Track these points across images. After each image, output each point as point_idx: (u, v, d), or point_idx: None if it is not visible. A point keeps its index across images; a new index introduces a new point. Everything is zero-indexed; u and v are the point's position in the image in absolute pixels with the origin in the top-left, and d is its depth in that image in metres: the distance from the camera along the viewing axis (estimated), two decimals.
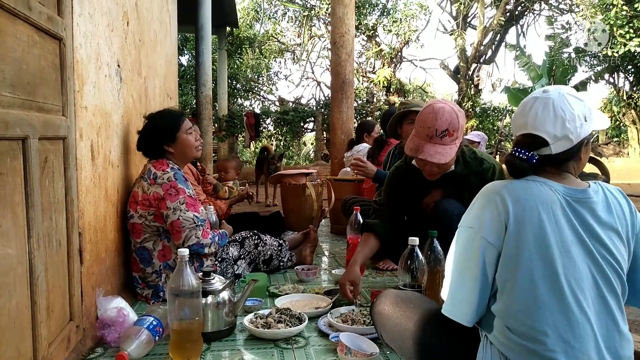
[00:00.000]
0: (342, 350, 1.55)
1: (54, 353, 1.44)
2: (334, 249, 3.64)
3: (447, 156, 2.03)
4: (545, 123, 1.17)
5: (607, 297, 1.13)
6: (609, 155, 13.15)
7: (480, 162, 2.33)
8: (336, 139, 5.71)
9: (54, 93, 1.49)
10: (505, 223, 1.14)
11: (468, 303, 1.18)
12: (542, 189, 1.18)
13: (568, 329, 1.08)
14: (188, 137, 2.37)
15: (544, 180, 1.19)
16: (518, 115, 1.24)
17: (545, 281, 1.10)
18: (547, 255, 1.11)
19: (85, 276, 1.74)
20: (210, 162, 7.33)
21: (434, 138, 2.04)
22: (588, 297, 1.11)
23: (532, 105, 1.20)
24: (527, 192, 1.17)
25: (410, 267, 1.80)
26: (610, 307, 1.14)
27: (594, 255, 1.14)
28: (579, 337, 1.09)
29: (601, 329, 1.12)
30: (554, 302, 1.09)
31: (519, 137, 1.23)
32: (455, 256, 1.24)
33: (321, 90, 17.10)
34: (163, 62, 3.52)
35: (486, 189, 1.24)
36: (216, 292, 1.82)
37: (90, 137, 1.83)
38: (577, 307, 1.09)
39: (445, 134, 2.02)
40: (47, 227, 1.41)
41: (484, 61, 14.36)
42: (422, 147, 2.04)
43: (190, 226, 2.20)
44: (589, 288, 1.12)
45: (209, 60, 7.25)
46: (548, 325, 1.09)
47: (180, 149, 2.35)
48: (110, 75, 2.11)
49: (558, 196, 1.17)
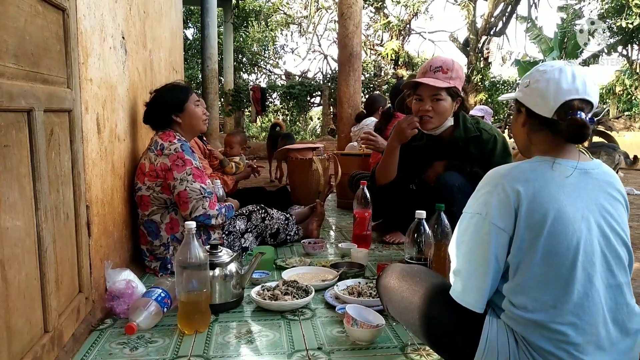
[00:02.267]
0: (349, 322, 1.56)
1: (65, 324, 1.46)
2: (341, 223, 3.65)
3: (439, 85, 2.24)
4: (594, 91, 1.18)
5: (615, 270, 1.14)
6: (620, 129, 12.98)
7: (480, 131, 2.39)
8: (343, 113, 5.67)
9: (58, 65, 1.47)
10: (515, 207, 1.12)
11: (480, 290, 1.17)
12: (551, 166, 1.16)
13: (577, 303, 1.08)
14: (196, 108, 2.39)
15: (551, 158, 1.18)
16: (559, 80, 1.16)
17: (559, 258, 1.09)
18: (561, 233, 1.10)
19: (94, 249, 1.76)
20: (216, 137, 7.33)
21: (427, 73, 2.30)
22: (597, 271, 1.11)
23: (573, 71, 1.17)
24: (536, 172, 1.16)
25: (417, 241, 1.80)
26: (618, 280, 1.14)
27: (604, 229, 1.14)
28: (588, 311, 1.09)
29: (609, 302, 1.12)
30: (566, 277, 1.09)
31: (575, 102, 1.15)
32: (464, 243, 1.22)
33: (328, 63, 16.93)
34: (168, 34, 3.47)
35: (492, 174, 1.22)
36: (223, 265, 1.83)
37: (95, 110, 1.82)
38: (587, 281, 1.09)
39: (439, 70, 2.27)
40: (55, 199, 1.42)
41: (494, 33, 14.10)
42: (418, 79, 2.29)
43: (197, 197, 2.21)
44: (598, 262, 1.12)
45: (215, 33, 7.18)
46: (558, 300, 1.09)
47: (187, 120, 2.37)
48: (115, 47, 2.09)
49: (567, 172, 1.16)
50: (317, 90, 13.18)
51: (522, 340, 1.12)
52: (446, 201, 2.05)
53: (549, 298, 1.10)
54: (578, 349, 1.08)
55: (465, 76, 14.87)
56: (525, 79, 1.26)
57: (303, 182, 3.94)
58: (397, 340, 1.60)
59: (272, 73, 18.03)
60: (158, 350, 1.54)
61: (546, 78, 1.18)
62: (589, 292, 1.10)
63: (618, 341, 1.13)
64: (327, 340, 1.61)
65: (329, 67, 16.67)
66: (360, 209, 2.65)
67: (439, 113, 2.31)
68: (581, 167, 1.17)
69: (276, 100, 13.75)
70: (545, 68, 1.21)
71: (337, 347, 1.55)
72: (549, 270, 1.10)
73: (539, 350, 1.10)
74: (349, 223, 3.57)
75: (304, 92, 13.00)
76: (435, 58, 2.38)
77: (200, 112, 2.41)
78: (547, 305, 1.10)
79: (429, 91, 2.30)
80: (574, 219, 1.11)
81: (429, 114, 2.31)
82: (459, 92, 2.34)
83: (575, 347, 1.08)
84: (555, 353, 1.09)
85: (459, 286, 1.21)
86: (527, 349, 1.11)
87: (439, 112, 2.31)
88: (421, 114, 2.32)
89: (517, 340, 1.14)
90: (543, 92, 1.18)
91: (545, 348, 1.09)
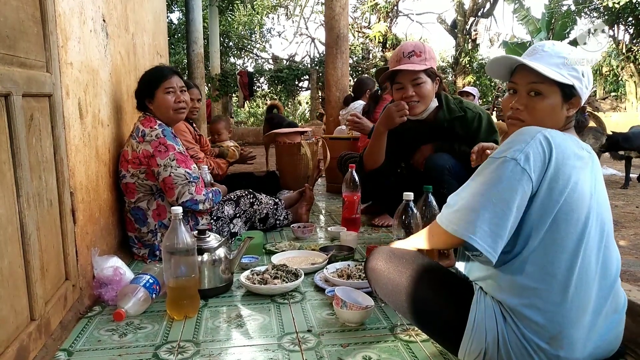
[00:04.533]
0: (338, 304, 1.56)
1: (51, 311, 1.44)
2: (330, 207, 3.65)
3: (417, 68, 2.25)
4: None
5: (610, 246, 1.17)
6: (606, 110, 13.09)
7: (464, 111, 2.40)
8: (331, 96, 5.63)
9: (36, 48, 1.43)
10: (546, 163, 1.10)
11: (497, 236, 1.10)
12: (574, 141, 1.17)
13: (578, 277, 1.10)
14: (165, 96, 2.27)
15: (572, 135, 1.21)
16: (589, 73, 1.23)
17: (569, 229, 1.10)
18: (574, 204, 1.10)
19: (79, 236, 1.74)
20: (204, 123, 7.25)
21: (402, 60, 2.30)
22: (596, 247, 1.13)
23: None
24: (565, 140, 1.14)
25: (405, 222, 1.80)
26: (612, 256, 1.17)
27: (602, 207, 1.17)
28: (585, 285, 1.11)
29: (602, 278, 1.15)
30: (573, 249, 1.10)
31: (591, 98, 1.20)
32: (488, 185, 1.13)
33: (316, 47, 16.80)
34: (151, 17, 3.40)
35: (529, 128, 1.16)
36: (212, 250, 1.82)
37: (77, 94, 1.78)
38: (590, 256, 1.12)
39: (412, 55, 2.28)
40: (37, 186, 1.39)
41: (482, 15, 14.05)
42: (394, 68, 2.30)
43: (182, 182, 2.18)
44: (598, 238, 1.14)
45: (200, 17, 7.06)
46: (561, 273, 1.10)
47: (157, 107, 2.29)
48: (96, 30, 2.04)
49: (582, 150, 1.17)
50: (305, 74, 13.08)
51: (511, 316, 1.13)
52: (436, 183, 2.05)
53: (555, 268, 1.10)
54: (569, 322, 1.10)
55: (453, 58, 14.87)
56: (578, 64, 1.19)
57: (292, 167, 3.92)
58: (386, 321, 1.61)
59: (259, 57, 17.86)
60: (147, 336, 1.53)
61: (588, 73, 1.22)
62: (588, 267, 1.11)
63: (607, 315, 1.15)
64: (316, 322, 1.61)
65: (316, 51, 16.56)
66: (349, 192, 2.65)
67: (423, 96, 2.30)
68: (588, 148, 1.19)
69: (264, 85, 13.64)
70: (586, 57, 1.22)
71: (326, 329, 1.56)
72: (557, 239, 1.10)
73: (528, 325, 1.11)
74: (338, 207, 3.57)
75: (291, 76, 12.90)
76: (405, 44, 2.39)
77: (171, 101, 2.28)
78: (550, 277, 1.10)
79: (409, 77, 2.28)
80: (585, 194, 1.12)
81: (414, 99, 2.30)
82: (435, 72, 2.34)
83: (567, 321, 1.09)
84: (546, 326, 1.10)
85: (460, 215, 1.14)
86: (516, 325, 1.12)
87: (422, 95, 2.30)
88: (406, 101, 2.30)
89: (505, 317, 1.14)
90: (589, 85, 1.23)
91: (538, 321, 1.10)
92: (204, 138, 3.40)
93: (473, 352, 1.17)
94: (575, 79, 1.19)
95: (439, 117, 2.40)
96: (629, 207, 3.84)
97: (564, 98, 1.21)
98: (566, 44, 1.25)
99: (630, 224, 3.23)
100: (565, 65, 1.19)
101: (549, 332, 1.10)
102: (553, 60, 1.20)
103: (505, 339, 1.13)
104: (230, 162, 3.61)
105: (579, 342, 1.11)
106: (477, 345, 1.15)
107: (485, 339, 1.14)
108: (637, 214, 3.55)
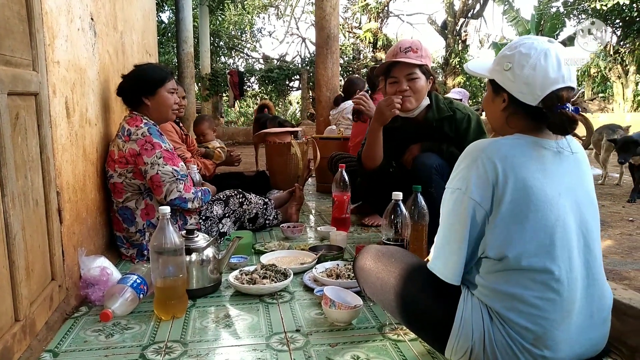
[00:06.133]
0: (327, 304, 1.56)
1: (37, 312, 1.43)
2: (320, 207, 3.65)
3: (414, 62, 2.27)
4: (573, 73, 1.17)
5: (591, 245, 1.17)
6: (594, 110, 13.24)
7: (453, 111, 2.41)
8: (321, 96, 5.64)
9: (22, 46, 1.42)
10: (493, 182, 1.12)
11: (459, 265, 1.18)
12: (531, 145, 1.17)
13: (557, 278, 1.10)
14: (169, 96, 2.32)
15: (530, 137, 1.19)
16: (546, 68, 1.13)
17: (542, 232, 1.11)
18: (539, 210, 1.11)
19: (66, 236, 1.72)
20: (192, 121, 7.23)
21: (398, 54, 2.31)
22: (575, 246, 1.14)
23: (557, 55, 1.14)
24: (514, 149, 1.16)
25: (394, 222, 1.81)
26: (594, 254, 1.17)
27: (580, 205, 1.17)
28: (567, 286, 1.11)
29: (585, 278, 1.15)
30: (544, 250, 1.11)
31: (563, 93, 1.13)
32: (445, 218, 1.22)
33: (306, 47, 16.80)
34: (140, 16, 3.38)
35: (471, 148, 1.20)
36: (200, 250, 1.81)
37: (64, 93, 1.76)
38: (567, 258, 1.12)
39: (409, 50, 2.30)
40: (22, 185, 1.37)
41: (471, 16, 14.14)
42: (391, 60, 2.31)
43: (170, 180, 2.17)
44: (575, 238, 1.14)
45: (190, 16, 7.04)
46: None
47: (156, 105, 2.29)
48: (83, 28, 2.02)
49: (545, 151, 1.17)
50: (296, 74, 13.07)
51: (497, 317, 1.14)
52: (423, 182, 2.06)
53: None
54: (554, 324, 1.10)
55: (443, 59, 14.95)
56: (505, 59, 1.20)
57: (282, 167, 3.91)
58: (375, 321, 1.61)
59: (249, 57, 17.81)
60: (134, 336, 1.52)
61: (532, 64, 1.14)
62: (568, 268, 1.11)
63: (592, 315, 1.16)
64: (305, 322, 1.61)
65: (307, 51, 16.55)
66: (339, 192, 2.65)
67: (416, 91, 2.31)
68: (558, 147, 1.18)
69: (254, 85, 13.61)
70: (528, 51, 1.16)
71: (315, 329, 1.55)
72: (528, 242, 1.11)
73: (514, 327, 1.12)
74: (328, 207, 3.57)
75: (282, 76, 12.89)
76: (403, 40, 2.42)
77: (172, 101, 2.33)
78: (530, 281, 1.11)
79: (405, 71, 2.29)
80: (551, 197, 1.12)
81: (407, 94, 2.30)
82: (430, 70, 2.35)
83: (550, 322, 1.10)
84: (530, 328, 1.10)
85: (439, 261, 1.22)
86: (502, 325, 1.13)
87: (416, 90, 2.31)
88: (399, 94, 2.31)
89: (492, 317, 1.15)
90: (529, 80, 1.14)
91: (521, 324, 1.11)
92: (190, 138, 3.39)
93: (460, 350, 1.17)
94: (497, 73, 1.22)
95: (428, 116, 2.42)
96: (615, 207, 3.88)
97: (494, 92, 1.25)
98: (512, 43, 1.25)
99: (616, 224, 3.26)
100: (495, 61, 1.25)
101: (533, 334, 1.11)
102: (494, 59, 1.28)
103: (492, 338, 1.14)
104: (216, 164, 3.58)
105: (564, 343, 1.12)
106: (463, 344, 1.16)
107: (472, 337, 1.15)
108: (624, 214, 3.59)
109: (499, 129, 1.30)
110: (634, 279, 2.20)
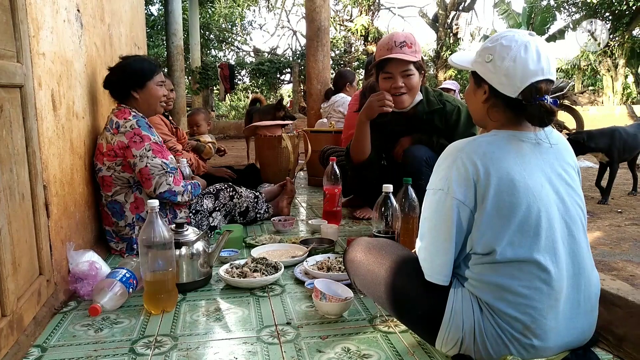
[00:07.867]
0: (317, 296, 1.56)
1: (24, 307, 1.41)
2: (311, 201, 3.65)
3: (409, 59, 2.24)
4: (554, 67, 1.17)
5: (575, 234, 1.17)
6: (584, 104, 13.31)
7: (443, 104, 2.40)
8: (312, 89, 5.61)
9: (5, 37, 1.39)
10: (474, 180, 1.13)
11: (447, 266, 1.18)
12: (509, 139, 1.18)
13: (542, 268, 1.11)
14: (158, 89, 2.30)
15: (508, 131, 1.20)
16: (526, 60, 1.13)
17: (526, 224, 1.12)
18: (522, 203, 1.11)
19: (54, 230, 1.70)
20: (183, 116, 7.18)
21: (394, 48, 2.25)
22: (559, 237, 1.14)
23: (537, 48, 1.15)
24: (492, 145, 1.17)
25: (385, 214, 1.81)
26: (580, 243, 1.18)
27: (562, 195, 1.17)
28: (553, 275, 1.11)
29: (571, 267, 1.16)
30: (529, 241, 1.11)
31: (542, 85, 1.14)
32: (429, 220, 1.22)
33: (297, 40, 16.73)
34: (128, 8, 3.34)
35: (450, 149, 1.21)
36: (190, 243, 1.80)
37: (50, 85, 1.74)
38: (551, 248, 1.12)
39: (404, 45, 2.25)
40: (8, 179, 1.35)
41: (463, 9, 14.14)
42: (387, 56, 2.25)
43: (159, 172, 2.15)
44: (559, 228, 1.15)
45: (179, 8, 6.97)
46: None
47: (145, 98, 2.27)
48: (70, 20, 1.99)
49: (524, 144, 1.18)
50: (287, 67, 13.02)
51: (487, 308, 1.14)
52: (413, 175, 2.06)
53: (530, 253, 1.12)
54: (542, 312, 1.11)
55: (435, 52, 14.95)
56: (486, 51, 1.20)
57: (272, 160, 3.90)
58: (366, 313, 1.62)
59: (240, 50, 17.70)
60: (124, 330, 1.51)
61: (512, 57, 1.15)
62: (554, 258, 1.12)
63: (579, 303, 1.16)
64: (296, 315, 1.61)
65: (298, 44, 16.48)
66: (330, 185, 2.65)
67: (411, 88, 2.30)
68: (537, 139, 1.19)
69: (245, 78, 13.54)
70: (509, 43, 1.16)
71: (306, 322, 1.55)
72: (507, 231, 1.12)
73: (503, 317, 1.12)
74: (319, 200, 3.57)
75: (273, 69, 12.84)
76: (396, 33, 2.34)
77: (161, 94, 2.31)
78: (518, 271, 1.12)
79: (400, 67, 2.27)
80: (534, 188, 1.13)
81: (402, 90, 2.28)
82: (422, 65, 2.34)
83: (539, 311, 1.11)
84: (519, 318, 1.11)
85: (426, 263, 1.22)
86: (492, 315, 1.13)
87: (411, 87, 2.29)
88: (394, 91, 2.29)
89: (482, 308, 1.15)
90: (509, 72, 1.15)
91: (510, 314, 1.11)
92: (181, 131, 3.36)
93: (450, 341, 1.18)
94: (478, 64, 1.22)
95: (419, 109, 2.41)
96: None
97: (476, 84, 1.26)
98: (494, 35, 1.25)
99: (605, 215, 3.29)
100: (478, 53, 1.25)
101: (522, 323, 1.11)
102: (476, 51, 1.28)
103: (482, 328, 1.14)
104: (204, 159, 3.56)
105: (553, 331, 1.13)
106: (454, 335, 1.16)
107: (462, 328, 1.16)
108: (612, 206, 3.62)
109: (480, 120, 1.30)
110: (622, 269, 2.22)
